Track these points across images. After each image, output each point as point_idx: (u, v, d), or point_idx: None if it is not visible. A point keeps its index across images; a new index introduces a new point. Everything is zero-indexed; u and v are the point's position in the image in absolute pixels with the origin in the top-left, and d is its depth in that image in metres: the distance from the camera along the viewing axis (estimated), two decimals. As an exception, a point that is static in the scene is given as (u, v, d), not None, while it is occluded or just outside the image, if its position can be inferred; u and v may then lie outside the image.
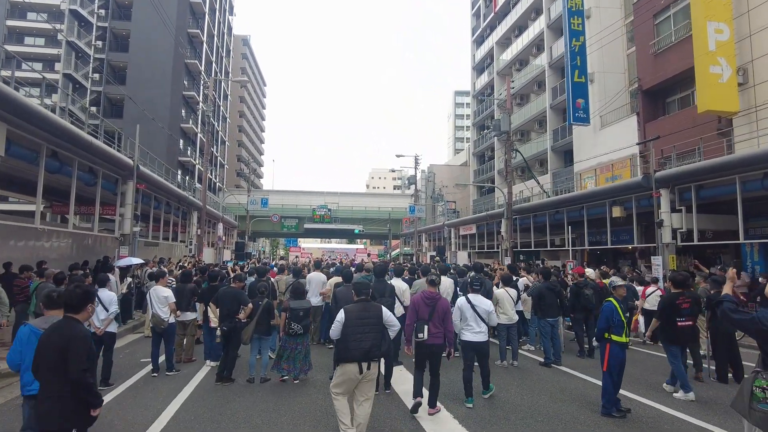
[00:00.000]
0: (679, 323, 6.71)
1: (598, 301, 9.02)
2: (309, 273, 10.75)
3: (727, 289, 3.73)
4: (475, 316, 6.22)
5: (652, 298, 10.13)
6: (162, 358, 8.26)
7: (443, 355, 5.80)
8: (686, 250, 16.60)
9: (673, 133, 16.99)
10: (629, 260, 21.75)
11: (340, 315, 4.76)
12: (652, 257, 14.69)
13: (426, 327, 5.64)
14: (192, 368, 8.41)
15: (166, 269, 14.88)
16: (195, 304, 9.08)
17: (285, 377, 7.37)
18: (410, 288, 8.57)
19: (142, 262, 13.91)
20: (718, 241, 15.44)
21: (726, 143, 14.51)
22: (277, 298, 9.67)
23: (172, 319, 8.19)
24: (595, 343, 9.67)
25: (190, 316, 8.92)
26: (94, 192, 13.43)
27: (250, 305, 7.36)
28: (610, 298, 6.07)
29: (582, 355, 9.38)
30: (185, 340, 8.95)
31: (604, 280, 11.35)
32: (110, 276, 12.11)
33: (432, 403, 5.88)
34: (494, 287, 8.95)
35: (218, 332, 7.48)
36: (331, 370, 8.11)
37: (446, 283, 9.04)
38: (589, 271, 10.46)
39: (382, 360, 6.86)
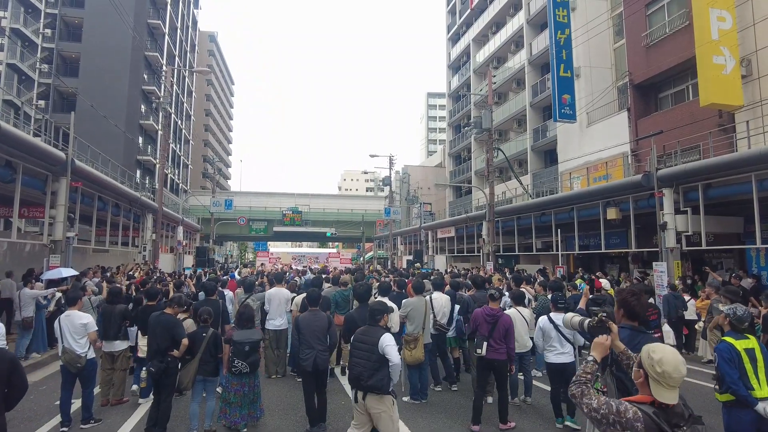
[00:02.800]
0: None
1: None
2: (268, 288, 8.86)
3: (581, 304, 4.15)
4: (559, 337, 5.87)
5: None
6: (77, 405, 6.35)
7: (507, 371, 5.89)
8: (682, 255, 15.49)
9: (669, 129, 15.87)
10: (617, 265, 20.66)
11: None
12: (654, 263, 13.41)
13: (485, 344, 5.67)
14: (119, 415, 6.50)
15: (111, 280, 12.78)
16: (126, 330, 7.17)
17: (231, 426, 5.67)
18: (399, 308, 6.88)
19: (76, 273, 11.74)
20: (721, 245, 14.37)
21: (735, 139, 13.38)
22: (230, 321, 7.85)
23: (91, 354, 6.26)
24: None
25: (119, 345, 7.01)
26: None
27: (185, 341, 5.53)
28: (725, 337, 4.13)
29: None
30: (114, 376, 7.02)
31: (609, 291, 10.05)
32: (30, 289, 10.06)
33: (503, 419, 5.80)
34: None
35: (143, 374, 5.61)
36: (297, 411, 6.39)
37: (441, 301, 7.38)
38: (605, 283, 8.99)
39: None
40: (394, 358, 4.20)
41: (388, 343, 4.24)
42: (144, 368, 5.65)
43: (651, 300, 7.23)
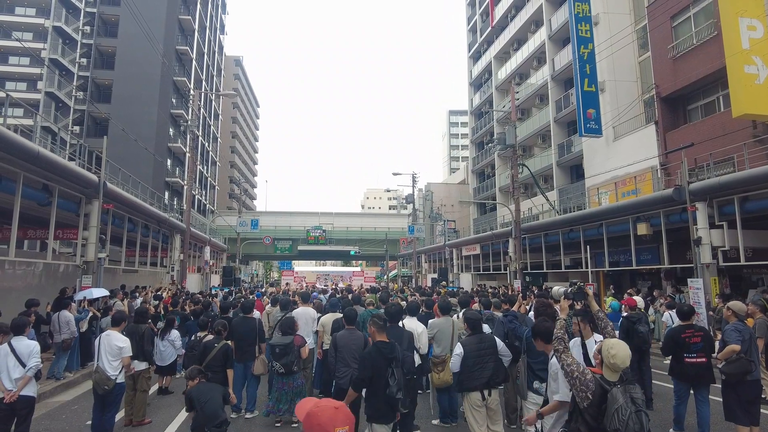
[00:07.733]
0: (686, 359, 5.98)
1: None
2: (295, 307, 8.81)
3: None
4: None
5: None
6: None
7: None
8: (719, 271, 14.88)
9: (700, 142, 15.45)
10: (649, 281, 20.00)
11: (459, 349, 5.06)
12: (689, 279, 12.95)
13: None
14: (147, 436, 6.52)
15: (139, 299, 13.00)
16: (147, 351, 7.21)
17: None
18: (427, 329, 6.74)
19: (107, 293, 11.97)
20: (760, 260, 13.74)
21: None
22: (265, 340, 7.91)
23: (121, 378, 6.20)
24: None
25: (139, 365, 7.04)
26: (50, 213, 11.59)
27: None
28: None
29: (639, 407, 7.52)
30: (136, 396, 7.04)
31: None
32: (72, 308, 10.27)
33: None
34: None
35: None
36: None
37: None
38: (639, 301, 8.68)
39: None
40: (508, 354, 5.21)
41: (501, 344, 5.25)
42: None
43: (694, 321, 6.86)
